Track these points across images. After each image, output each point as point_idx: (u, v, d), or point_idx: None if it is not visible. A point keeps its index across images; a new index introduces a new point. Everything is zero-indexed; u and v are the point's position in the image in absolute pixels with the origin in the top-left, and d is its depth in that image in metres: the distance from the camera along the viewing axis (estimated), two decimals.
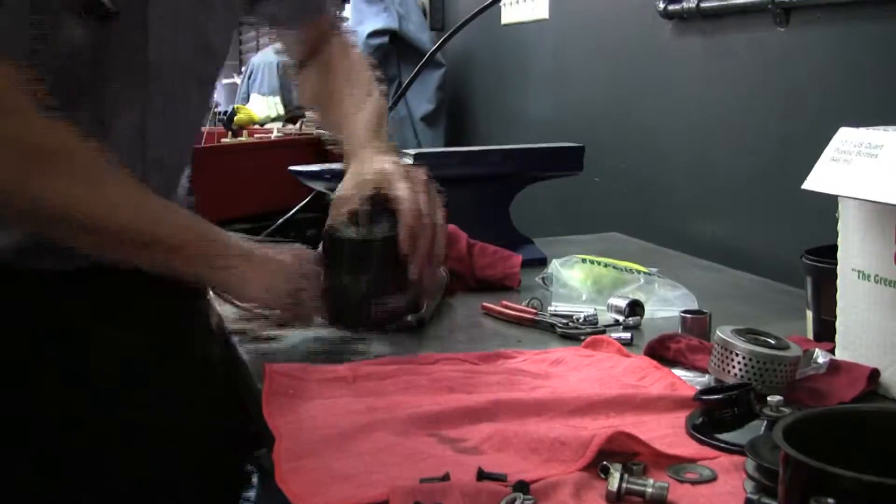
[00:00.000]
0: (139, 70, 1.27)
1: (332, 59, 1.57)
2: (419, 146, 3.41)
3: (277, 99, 3.98)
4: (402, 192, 1.29)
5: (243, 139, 2.99)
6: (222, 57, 1.45)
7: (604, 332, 1.38)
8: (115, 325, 1.34)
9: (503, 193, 1.96)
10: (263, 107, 3.79)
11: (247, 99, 4.15)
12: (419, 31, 3.51)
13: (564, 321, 1.43)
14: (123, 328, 1.35)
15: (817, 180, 1.14)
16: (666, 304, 1.52)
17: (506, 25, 3.05)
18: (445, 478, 0.89)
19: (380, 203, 1.30)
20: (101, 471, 1.33)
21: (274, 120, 3.71)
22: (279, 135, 3.10)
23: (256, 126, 3.46)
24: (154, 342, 1.38)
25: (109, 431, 1.33)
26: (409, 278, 1.28)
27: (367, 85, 1.52)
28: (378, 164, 1.34)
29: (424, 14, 3.63)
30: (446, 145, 3.50)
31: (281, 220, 1.86)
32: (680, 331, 1.33)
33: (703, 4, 2.00)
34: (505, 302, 1.53)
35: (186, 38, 1.31)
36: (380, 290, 1.28)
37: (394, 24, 3.45)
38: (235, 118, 3.18)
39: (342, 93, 1.50)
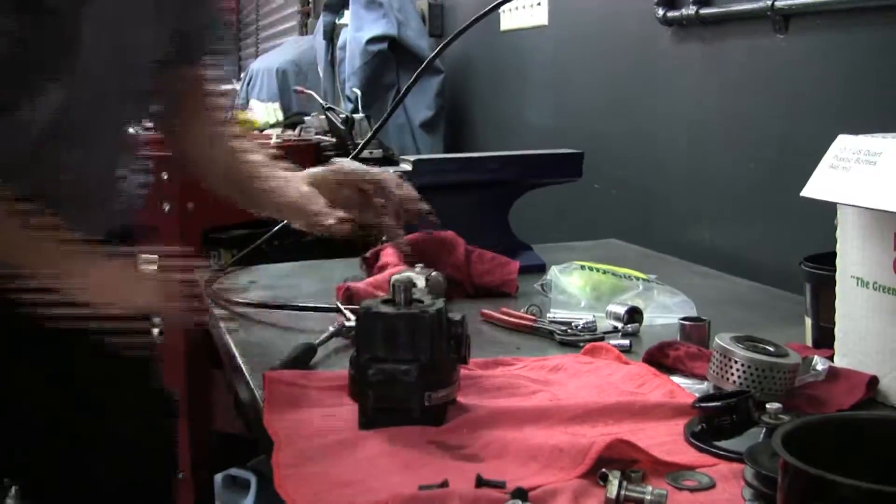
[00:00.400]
0: (64, 69, 1.24)
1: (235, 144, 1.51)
2: (418, 152, 3.41)
3: (277, 105, 3.98)
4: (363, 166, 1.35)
5: None
6: (153, 76, 1.40)
7: (602, 339, 1.38)
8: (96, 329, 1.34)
9: (502, 200, 1.96)
10: (263, 112, 3.79)
11: (246, 104, 4.15)
12: (418, 37, 3.51)
13: (563, 328, 1.43)
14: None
15: (816, 187, 1.15)
16: (665, 311, 1.52)
17: (505, 32, 3.05)
18: (444, 485, 0.89)
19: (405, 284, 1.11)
20: (86, 473, 1.34)
21: (273, 126, 3.71)
22: (278, 140, 3.10)
23: (256, 132, 3.46)
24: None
25: (92, 434, 1.34)
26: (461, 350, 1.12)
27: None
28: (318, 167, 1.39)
29: (424, 21, 3.63)
30: (445, 152, 3.50)
31: (277, 227, 1.86)
32: (679, 338, 1.33)
33: (702, 11, 2.00)
34: (504, 309, 1.53)
35: (114, 48, 1.28)
36: (435, 377, 1.06)
37: (393, 31, 3.45)
38: (239, 124, 3.18)
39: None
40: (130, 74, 1.33)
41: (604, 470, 0.89)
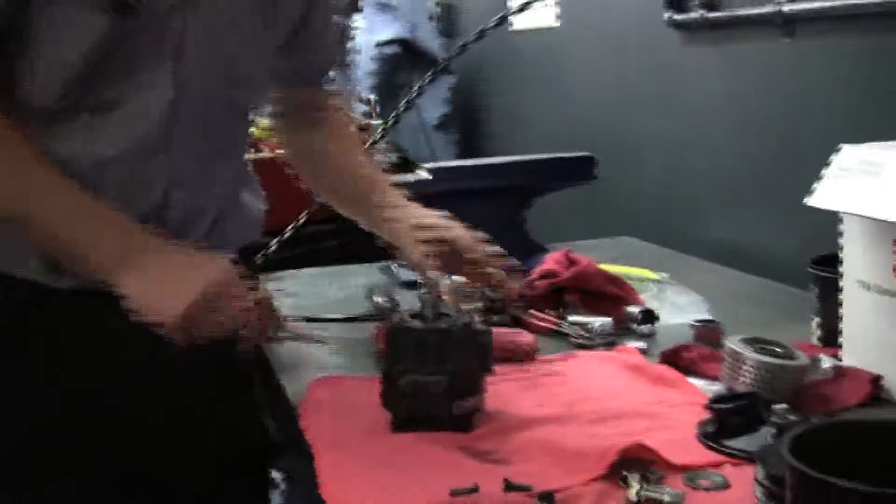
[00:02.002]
0: (165, 71, 1.21)
1: (336, 130, 1.56)
2: (432, 153, 3.46)
3: None
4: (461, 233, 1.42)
5: (263, 154, 3.02)
6: (258, 91, 1.40)
7: (613, 343, 1.44)
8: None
9: (518, 204, 2.01)
10: None
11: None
12: (430, 38, 3.56)
13: (580, 331, 1.48)
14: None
15: (821, 196, 1.20)
16: (678, 311, 1.57)
17: (515, 32, 3.10)
18: (474, 489, 0.95)
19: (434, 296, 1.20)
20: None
21: None
22: None
23: (276, 140, 3.50)
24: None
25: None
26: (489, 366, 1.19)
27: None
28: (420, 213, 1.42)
29: (434, 22, 3.67)
30: (459, 151, 3.55)
31: (285, 233, 1.89)
32: (692, 339, 1.38)
33: (710, 15, 2.05)
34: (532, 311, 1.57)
35: (218, 57, 1.26)
36: (462, 386, 1.13)
37: (405, 33, 3.50)
38: (255, 132, 3.22)
39: (357, 164, 1.52)
40: (235, 81, 1.30)
41: (623, 472, 0.95)
